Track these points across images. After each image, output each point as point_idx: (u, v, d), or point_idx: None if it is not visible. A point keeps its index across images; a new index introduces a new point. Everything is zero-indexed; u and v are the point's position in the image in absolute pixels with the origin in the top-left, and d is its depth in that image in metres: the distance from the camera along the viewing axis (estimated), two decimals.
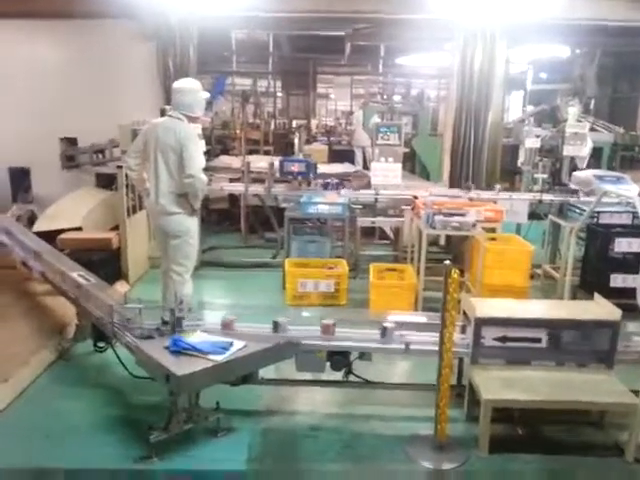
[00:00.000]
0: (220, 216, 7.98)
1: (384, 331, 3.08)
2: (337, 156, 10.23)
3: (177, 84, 3.97)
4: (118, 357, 3.35)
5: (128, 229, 5.38)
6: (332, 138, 12.70)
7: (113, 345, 3.38)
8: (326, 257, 5.60)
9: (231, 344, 2.89)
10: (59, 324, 4.07)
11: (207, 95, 4.17)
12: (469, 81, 6.67)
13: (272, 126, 11.74)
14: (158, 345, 2.91)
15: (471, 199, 5.82)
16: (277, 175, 6.13)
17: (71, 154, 7.41)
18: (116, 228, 5.61)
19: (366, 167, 9.76)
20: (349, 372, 3.16)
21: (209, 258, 6.24)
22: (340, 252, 5.81)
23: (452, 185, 6.74)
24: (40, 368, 3.55)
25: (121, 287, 5.03)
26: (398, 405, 3.32)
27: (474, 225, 4.87)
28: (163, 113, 5.76)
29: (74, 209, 5.96)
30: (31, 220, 6.35)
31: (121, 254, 5.33)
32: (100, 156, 7.39)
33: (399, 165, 6.24)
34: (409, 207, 5.94)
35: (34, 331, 3.93)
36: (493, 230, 5.16)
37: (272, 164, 6.12)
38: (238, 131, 10.04)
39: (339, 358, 3.09)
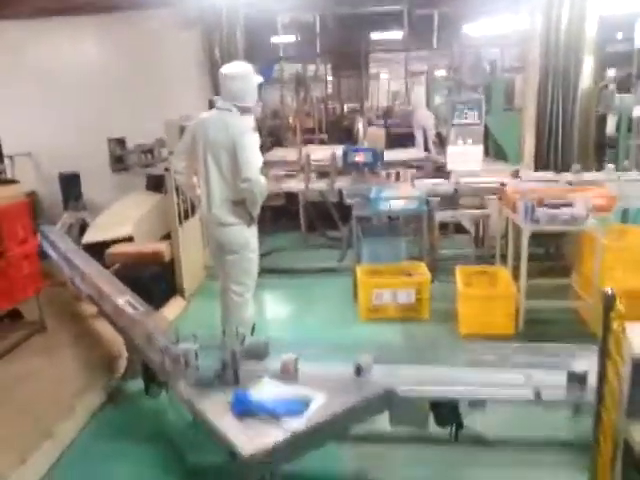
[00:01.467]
0: (275, 213, 7.37)
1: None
2: (395, 140, 9.43)
3: (225, 69, 3.31)
4: (174, 404, 2.81)
5: (180, 238, 4.85)
6: (389, 120, 11.83)
7: (167, 389, 2.85)
8: (401, 260, 4.90)
9: (309, 400, 2.27)
10: (108, 357, 3.60)
11: (260, 80, 3.50)
12: (555, 44, 5.71)
13: (324, 112, 11.00)
14: (219, 400, 2.33)
15: (570, 183, 4.94)
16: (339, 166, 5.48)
17: (119, 155, 7.02)
18: (168, 236, 5.12)
19: (427, 150, 8.94)
20: (459, 427, 2.46)
21: (267, 264, 5.63)
22: (414, 252, 5.09)
23: (538, 167, 5.85)
24: (86, 417, 3.06)
25: (177, 304, 4.55)
26: (524, 466, 2.56)
27: (587, 217, 4.02)
28: (212, 105, 5.19)
29: (124, 217, 5.51)
30: (83, 229, 5.99)
31: (174, 267, 4.83)
32: (149, 156, 6.96)
33: (480, 147, 5.42)
34: (495, 196, 5.13)
35: (81, 366, 3.47)
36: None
37: (334, 155, 5.44)
38: (291, 120, 9.36)
39: (446, 410, 2.41)
